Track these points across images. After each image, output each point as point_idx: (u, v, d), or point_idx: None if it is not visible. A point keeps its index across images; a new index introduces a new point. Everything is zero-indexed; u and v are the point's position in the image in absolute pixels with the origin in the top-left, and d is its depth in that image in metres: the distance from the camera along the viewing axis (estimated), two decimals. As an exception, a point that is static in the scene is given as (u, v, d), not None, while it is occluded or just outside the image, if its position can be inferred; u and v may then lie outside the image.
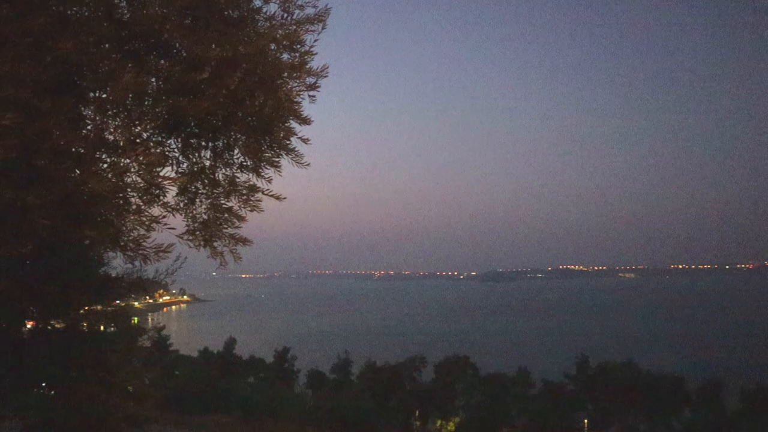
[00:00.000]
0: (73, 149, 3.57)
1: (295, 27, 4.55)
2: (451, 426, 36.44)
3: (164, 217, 4.16)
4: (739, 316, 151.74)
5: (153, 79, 4.00)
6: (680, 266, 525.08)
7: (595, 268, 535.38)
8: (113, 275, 6.44)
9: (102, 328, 7.26)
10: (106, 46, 3.75)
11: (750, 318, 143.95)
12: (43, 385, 6.62)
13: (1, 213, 3.28)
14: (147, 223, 3.95)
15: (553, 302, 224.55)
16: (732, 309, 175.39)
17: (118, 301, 7.52)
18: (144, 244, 3.96)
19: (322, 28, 4.50)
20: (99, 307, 7.12)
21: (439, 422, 36.75)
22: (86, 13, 3.80)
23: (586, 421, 34.42)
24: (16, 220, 3.25)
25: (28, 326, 6.41)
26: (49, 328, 6.41)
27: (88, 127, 3.74)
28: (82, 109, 3.83)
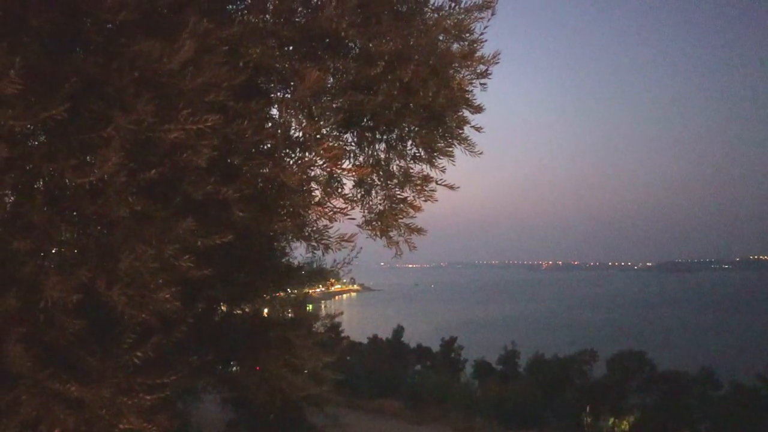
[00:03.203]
0: (263, 147, 3.87)
1: (463, 16, 4.55)
2: (624, 425, 34.60)
3: (345, 208, 4.36)
4: None
5: (330, 78, 4.21)
6: None
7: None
8: (295, 264, 6.85)
9: (285, 313, 7.76)
10: (289, 49, 4.01)
11: None
12: (233, 363, 7.19)
13: (206, 207, 3.63)
14: (330, 214, 4.17)
15: (741, 296, 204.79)
16: None
17: (298, 289, 8.02)
18: (327, 234, 4.20)
19: (492, 14, 4.45)
20: (282, 294, 7.64)
21: (612, 420, 35.06)
22: (270, 20, 4.07)
23: (782, 429, 31.09)
24: (217, 213, 3.60)
25: (221, 310, 7.01)
26: (239, 312, 6.97)
27: (275, 126, 4.02)
28: (269, 109, 4.13)
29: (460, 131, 4.73)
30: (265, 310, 7.56)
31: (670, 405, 32.50)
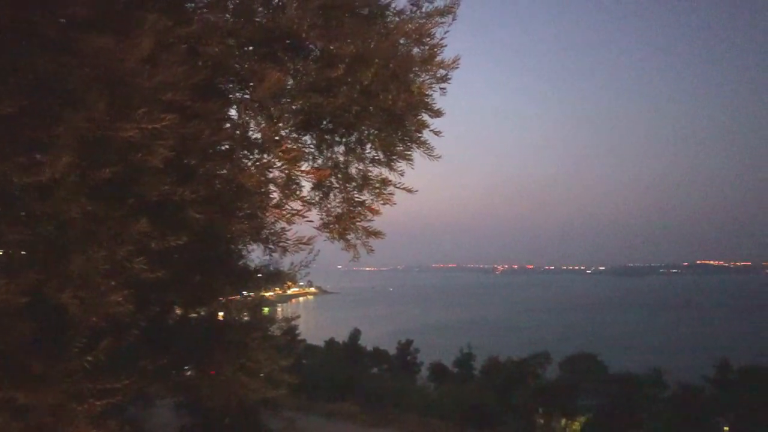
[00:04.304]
0: (221, 148, 3.82)
1: (424, 20, 4.58)
2: (576, 425, 35.27)
3: (302, 211, 4.34)
4: None
5: (290, 79, 4.18)
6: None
7: (737, 263, 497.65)
8: (252, 267, 6.77)
9: (241, 317, 7.66)
10: (248, 49, 3.96)
11: None
12: (187, 368, 7.06)
13: (161, 208, 3.56)
14: (287, 216, 4.14)
15: (689, 300, 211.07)
16: None
17: (254, 292, 7.92)
18: (284, 236, 4.16)
19: (453, 20, 4.49)
20: (238, 297, 7.54)
21: (563, 421, 35.68)
22: (230, 19, 4.02)
23: (726, 429, 32.08)
24: (173, 215, 3.53)
25: (176, 313, 6.88)
26: (194, 315, 6.85)
27: (233, 127, 3.97)
28: (227, 110, 4.07)
29: (419, 135, 4.75)
30: (221, 314, 7.45)
31: (620, 406, 33.28)
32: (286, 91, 4.09)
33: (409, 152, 4.75)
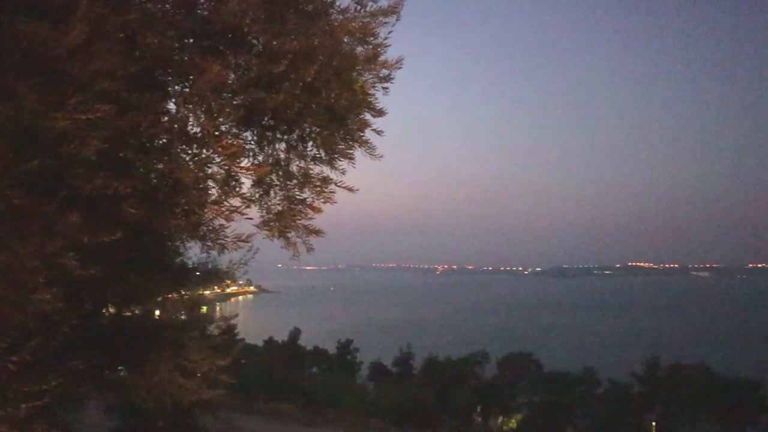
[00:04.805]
0: (159, 141, 3.71)
1: (368, 19, 4.58)
2: (512, 423, 36.06)
3: (242, 208, 4.27)
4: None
5: (231, 73, 4.11)
6: (760, 265, 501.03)
7: (666, 265, 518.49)
8: (189, 265, 6.63)
9: (177, 316, 7.50)
10: (189, 41, 3.88)
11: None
12: (120, 368, 6.88)
13: (94, 201, 3.44)
14: (226, 213, 4.07)
15: (621, 300, 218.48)
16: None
17: (192, 290, 7.77)
18: (223, 233, 4.09)
19: (397, 20, 4.50)
20: (175, 296, 7.38)
21: (500, 419, 36.39)
22: (170, 10, 3.93)
23: (654, 424, 33.37)
24: (107, 209, 3.42)
25: (109, 312, 6.69)
26: (129, 314, 6.67)
27: (171, 120, 3.87)
28: (166, 102, 3.97)
29: (361, 134, 4.74)
30: (157, 312, 7.28)
31: (554, 403, 34.20)
32: (227, 86, 4.02)
33: (350, 151, 4.74)
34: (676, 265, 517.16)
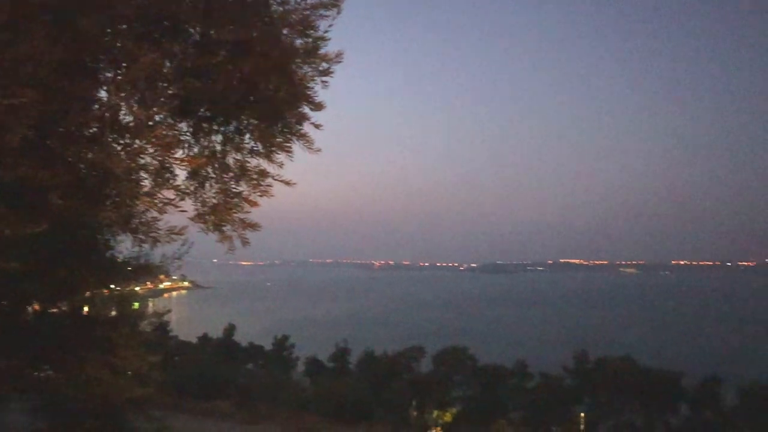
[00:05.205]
0: (88, 130, 3.57)
1: (309, 12, 4.53)
2: (447, 417, 36.54)
3: (176, 200, 4.17)
4: (738, 312, 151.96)
5: (167, 62, 3.99)
6: (682, 262, 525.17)
7: (596, 262, 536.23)
8: (120, 259, 6.44)
9: (107, 312, 7.28)
10: (123, 27, 3.74)
11: (749, 315, 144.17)
12: (47, 367, 6.64)
13: (18, 191, 3.28)
14: (159, 205, 3.96)
15: (553, 295, 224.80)
16: (731, 306, 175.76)
17: (123, 286, 7.54)
18: (156, 226, 3.98)
19: (338, 13, 4.47)
20: (105, 291, 7.14)
21: (435, 413, 36.84)
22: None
23: (582, 415, 34.48)
24: (32, 199, 3.26)
25: (34, 308, 6.43)
26: (55, 310, 6.43)
27: (102, 109, 3.73)
28: (97, 90, 3.82)
29: (300, 127, 4.70)
30: (85, 309, 7.04)
31: (488, 396, 34.89)
32: (162, 75, 3.90)
33: (288, 144, 4.69)
34: (606, 262, 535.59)
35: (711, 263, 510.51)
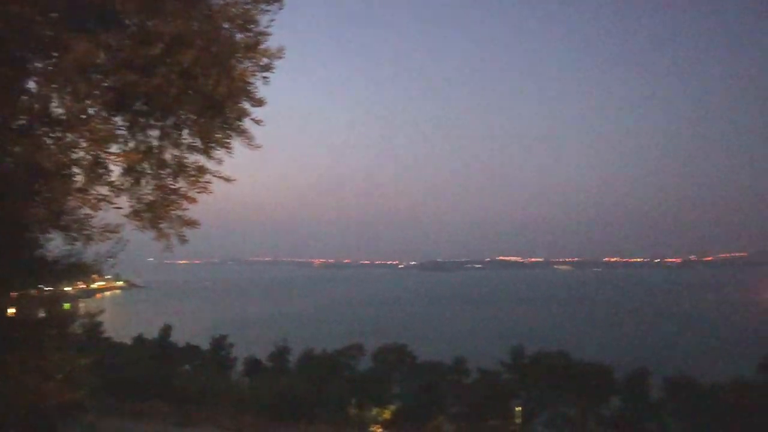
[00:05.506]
0: (16, 123, 3.41)
1: (250, 6, 4.47)
2: (387, 414, 36.72)
3: (110, 196, 4.03)
4: (663, 307, 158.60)
5: (102, 53, 3.86)
6: (613, 259, 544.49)
7: (532, 259, 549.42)
8: (50, 258, 6.20)
9: (35, 313, 7.00)
10: (54, 15, 3.59)
11: (674, 309, 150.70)
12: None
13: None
14: (93, 202, 3.82)
15: (491, 292, 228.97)
16: (658, 300, 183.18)
17: (53, 285, 7.25)
18: (89, 224, 3.83)
19: (279, 8, 4.43)
20: (33, 291, 6.86)
21: (375, 410, 36.99)
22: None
23: (519, 408, 35.25)
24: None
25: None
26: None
27: (31, 100, 3.58)
28: (25, 80, 3.66)
29: (240, 123, 4.63)
30: (11, 309, 6.74)
31: (427, 392, 35.25)
32: (96, 66, 3.77)
33: (228, 140, 4.62)
34: (541, 260, 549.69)
35: (640, 260, 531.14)
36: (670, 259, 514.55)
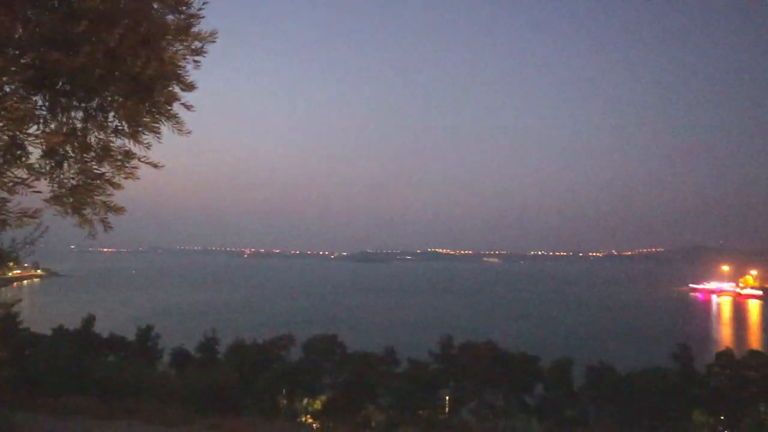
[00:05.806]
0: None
1: (181, -14, 4.33)
2: (317, 404, 36.70)
3: (29, 180, 3.83)
4: (587, 298, 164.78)
5: (20, 28, 3.65)
6: (540, 252, 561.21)
7: (462, 252, 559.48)
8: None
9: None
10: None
11: (595, 300, 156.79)
12: None
13: None
14: (9, 185, 3.63)
15: (421, 283, 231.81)
16: (582, 292, 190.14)
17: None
18: (5, 208, 3.64)
19: (212, -10, 4.31)
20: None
21: (305, 401, 36.91)
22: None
23: (447, 398, 35.90)
24: None
25: None
26: None
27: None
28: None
29: (169, 107, 4.48)
30: None
31: (358, 382, 35.41)
32: (14, 41, 3.57)
33: (156, 125, 4.46)
34: (471, 252, 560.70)
35: (565, 254, 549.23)
36: (594, 253, 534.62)
